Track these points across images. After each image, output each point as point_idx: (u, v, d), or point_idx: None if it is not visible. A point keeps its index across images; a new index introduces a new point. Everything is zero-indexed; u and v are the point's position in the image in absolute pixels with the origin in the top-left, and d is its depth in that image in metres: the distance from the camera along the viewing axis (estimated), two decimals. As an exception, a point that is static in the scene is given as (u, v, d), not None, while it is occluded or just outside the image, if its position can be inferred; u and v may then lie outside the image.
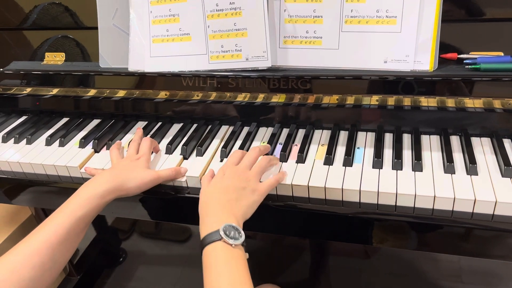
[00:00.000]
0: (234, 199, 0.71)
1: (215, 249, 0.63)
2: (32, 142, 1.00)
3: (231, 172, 0.75)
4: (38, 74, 1.04)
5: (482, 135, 0.85)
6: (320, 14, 0.83)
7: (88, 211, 0.72)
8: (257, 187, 0.74)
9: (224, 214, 0.68)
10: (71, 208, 0.71)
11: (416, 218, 0.73)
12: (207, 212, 0.70)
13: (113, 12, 0.94)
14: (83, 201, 0.72)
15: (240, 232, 0.66)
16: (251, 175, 0.75)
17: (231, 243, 0.63)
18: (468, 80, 0.79)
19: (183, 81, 0.94)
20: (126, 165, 0.81)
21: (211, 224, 0.66)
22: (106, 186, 0.75)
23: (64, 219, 0.69)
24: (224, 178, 0.75)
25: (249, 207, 0.72)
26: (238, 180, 0.73)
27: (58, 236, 0.68)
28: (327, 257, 1.52)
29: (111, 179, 0.76)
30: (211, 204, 0.71)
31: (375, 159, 0.80)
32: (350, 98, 0.88)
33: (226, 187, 0.73)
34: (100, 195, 0.73)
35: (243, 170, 0.76)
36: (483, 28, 0.82)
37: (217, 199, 0.71)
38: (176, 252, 1.67)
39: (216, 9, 0.86)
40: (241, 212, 0.70)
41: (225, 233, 0.64)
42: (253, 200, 0.73)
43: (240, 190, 0.72)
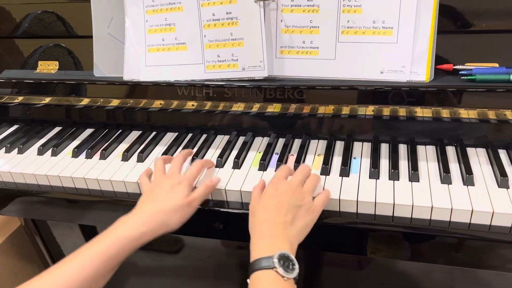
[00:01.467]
0: (289, 221, 0.67)
1: (265, 278, 0.59)
2: (24, 152, 0.99)
3: (285, 188, 0.70)
4: (30, 83, 1.03)
5: (478, 146, 0.86)
6: (316, 25, 0.84)
7: (121, 251, 0.67)
8: (311, 205, 0.70)
9: (279, 239, 0.64)
10: (104, 245, 0.66)
11: (413, 228, 0.73)
12: (261, 232, 0.66)
13: (108, 21, 0.94)
14: (117, 240, 0.67)
15: (295, 264, 0.61)
16: (305, 193, 0.71)
17: (284, 275, 0.59)
18: (464, 91, 0.80)
19: (179, 91, 0.93)
20: (163, 195, 0.73)
21: (264, 246, 0.63)
22: (145, 228, 0.69)
23: (94, 256, 0.65)
24: (278, 193, 0.70)
25: (305, 228, 0.69)
26: (293, 198, 0.69)
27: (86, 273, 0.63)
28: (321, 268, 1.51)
29: (149, 220, 0.70)
30: (265, 223, 0.66)
31: (372, 169, 0.80)
32: (346, 108, 0.88)
33: (281, 204, 0.68)
34: (135, 237, 0.68)
35: (297, 186, 0.71)
36: (479, 40, 0.83)
37: (272, 219, 0.66)
38: (168, 264, 1.64)
39: (212, 18, 0.86)
40: (297, 236, 0.67)
41: (279, 262, 0.60)
42: (309, 220, 0.69)
43: (296, 209, 0.68)
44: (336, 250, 0.86)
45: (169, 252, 1.67)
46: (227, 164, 0.88)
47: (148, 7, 0.89)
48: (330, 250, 0.87)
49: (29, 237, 1.38)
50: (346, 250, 0.85)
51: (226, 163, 0.88)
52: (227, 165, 0.88)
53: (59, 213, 0.95)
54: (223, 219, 0.82)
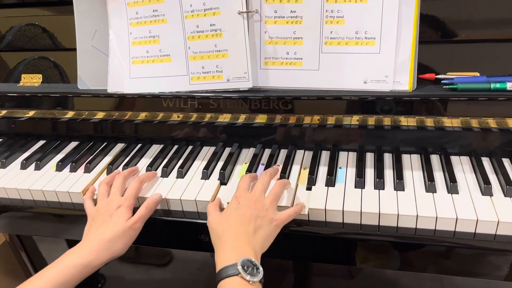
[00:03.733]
0: (252, 231, 0.68)
1: (231, 285, 0.61)
2: (7, 166, 0.97)
3: (246, 200, 0.72)
4: (13, 96, 1.01)
5: (461, 154, 0.87)
6: (300, 36, 0.84)
7: (69, 279, 0.69)
8: (275, 216, 0.71)
9: (242, 247, 0.66)
10: (52, 273, 0.68)
11: (399, 238, 0.73)
12: (224, 243, 0.67)
13: (92, 33, 0.94)
14: (65, 269, 0.69)
15: (259, 268, 0.63)
16: (267, 203, 0.72)
17: (249, 279, 0.61)
18: (446, 100, 0.81)
19: (164, 102, 0.93)
20: (105, 223, 0.75)
21: (228, 256, 0.64)
22: (90, 257, 0.71)
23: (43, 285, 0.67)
24: (240, 206, 0.72)
25: (266, 239, 0.70)
26: (254, 209, 0.70)
27: None
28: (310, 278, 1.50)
29: (93, 248, 0.72)
30: (227, 234, 0.68)
31: (357, 179, 0.80)
32: (331, 118, 0.88)
33: (242, 216, 0.69)
34: (84, 265, 0.70)
35: (259, 197, 0.73)
36: (460, 49, 0.84)
37: (234, 230, 0.68)
38: (157, 277, 1.62)
39: (196, 30, 0.86)
40: (260, 245, 0.68)
41: (243, 268, 0.62)
42: (271, 230, 0.70)
43: (258, 220, 0.69)
44: (324, 261, 0.86)
45: (158, 265, 1.66)
46: (212, 176, 0.88)
47: (132, 20, 0.89)
48: (318, 261, 0.86)
49: (14, 253, 1.35)
50: (334, 261, 0.85)
51: (212, 175, 0.88)
52: (213, 177, 0.87)
53: (44, 228, 0.93)
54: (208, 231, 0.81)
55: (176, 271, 1.62)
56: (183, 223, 0.81)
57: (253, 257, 0.64)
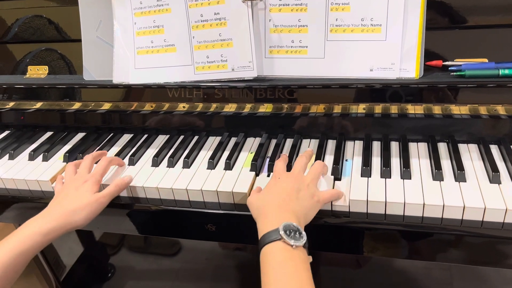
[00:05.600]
0: (294, 198, 0.67)
1: (274, 250, 0.59)
2: (15, 157, 0.98)
3: (286, 176, 0.72)
4: (20, 88, 1.02)
5: (469, 142, 0.85)
6: (305, 24, 0.83)
7: (29, 248, 0.69)
8: (316, 192, 0.71)
9: (284, 212, 0.65)
10: (11, 244, 0.69)
11: (406, 226, 0.73)
12: (266, 212, 0.66)
13: (96, 24, 0.93)
14: (25, 237, 0.70)
15: (302, 233, 0.61)
16: (308, 179, 0.72)
17: (292, 243, 0.59)
18: (454, 87, 0.80)
19: (169, 93, 0.93)
20: (69, 194, 0.77)
21: (270, 222, 0.63)
22: (50, 225, 0.72)
23: (3, 255, 0.67)
24: (280, 181, 0.71)
25: (310, 209, 0.68)
26: (295, 183, 0.70)
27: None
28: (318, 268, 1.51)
29: (55, 218, 0.73)
30: (269, 205, 0.67)
31: (363, 168, 0.79)
32: (337, 107, 0.88)
33: (284, 188, 0.69)
34: (43, 233, 0.71)
35: (298, 174, 0.73)
36: (467, 35, 0.82)
37: (276, 200, 0.67)
38: (166, 267, 1.64)
39: (200, 19, 0.86)
40: (302, 212, 0.67)
41: (285, 232, 0.60)
42: (314, 203, 0.69)
43: (300, 192, 0.69)
44: (332, 250, 0.86)
45: (167, 255, 1.67)
46: (218, 165, 0.88)
47: (136, 10, 0.89)
48: (326, 250, 0.86)
49: (25, 243, 1.37)
50: (341, 250, 0.85)
51: (217, 164, 0.88)
52: (219, 166, 0.87)
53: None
54: (215, 220, 0.81)
55: (184, 260, 1.63)
56: (190, 213, 0.82)
57: (295, 222, 0.62)
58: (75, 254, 1.62)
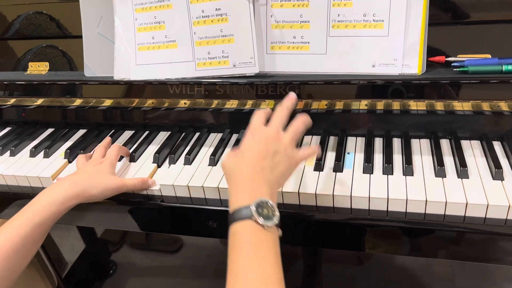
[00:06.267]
0: (269, 167, 0.62)
1: (244, 229, 0.55)
2: (16, 154, 0.98)
3: (262, 135, 0.66)
4: (21, 85, 1.02)
5: (472, 138, 0.85)
6: (307, 19, 0.83)
7: (47, 218, 0.69)
8: (293, 153, 0.65)
9: (258, 184, 0.60)
10: (27, 214, 0.68)
11: (408, 223, 0.72)
12: (238, 183, 0.61)
13: (97, 20, 0.93)
14: (41, 208, 0.69)
15: (275, 210, 0.57)
16: (286, 139, 0.66)
17: (263, 223, 0.55)
18: (456, 83, 0.79)
19: (170, 89, 0.93)
20: (88, 170, 0.78)
21: (242, 195, 0.58)
22: (66, 192, 0.72)
23: (20, 226, 0.67)
24: (256, 142, 0.65)
25: (282, 176, 0.64)
26: (272, 144, 0.64)
27: (13, 244, 0.65)
28: (319, 264, 1.51)
29: (72, 185, 0.73)
30: (243, 173, 0.62)
31: (365, 164, 0.79)
32: (339, 103, 0.87)
33: (259, 152, 0.63)
34: (60, 201, 0.70)
35: (276, 131, 0.66)
36: (470, 31, 0.82)
37: (251, 167, 0.62)
38: (167, 263, 1.64)
39: (202, 15, 0.85)
40: (276, 182, 0.63)
41: (257, 210, 0.56)
42: (288, 166, 0.64)
43: (277, 156, 0.63)
44: (334, 247, 0.85)
45: (168, 251, 1.67)
46: (220, 162, 0.87)
47: (137, 5, 0.88)
48: (328, 247, 0.86)
49: (26, 240, 1.37)
50: (343, 246, 0.85)
51: (219, 161, 0.88)
52: (220, 163, 0.87)
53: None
54: (217, 217, 0.81)
55: (186, 257, 1.63)
56: (191, 210, 0.81)
57: (269, 197, 0.58)
58: (77, 251, 1.62)
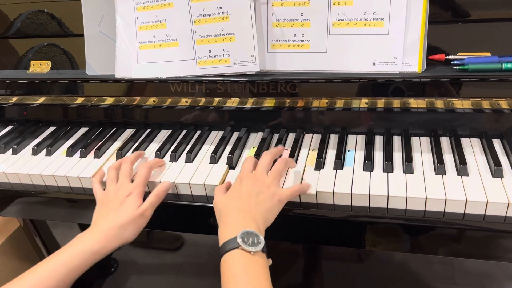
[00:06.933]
0: (253, 204, 0.68)
1: (233, 257, 0.61)
2: (18, 152, 0.98)
3: (248, 179, 0.73)
4: (23, 83, 1.02)
5: (472, 136, 0.85)
6: (307, 18, 0.83)
7: (81, 264, 0.70)
8: (277, 191, 0.71)
9: (242, 219, 0.66)
10: (63, 258, 0.69)
11: (408, 220, 0.73)
12: (225, 218, 0.68)
13: (99, 18, 0.93)
14: (77, 253, 0.70)
15: (260, 238, 0.63)
16: (269, 180, 0.73)
17: (249, 250, 0.61)
18: (456, 81, 0.80)
19: (171, 87, 0.93)
20: (115, 210, 0.75)
21: (228, 231, 0.64)
22: (100, 244, 0.71)
23: (55, 268, 0.67)
24: (242, 185, 0.72)
25: (269, 212, 0.69)
26: (256, 186, 0.71)
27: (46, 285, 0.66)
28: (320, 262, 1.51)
29: (104, 234, 0.72)
30: (229, 210, 0.69)
31: (366, 162, 0.80)
32: (340, 101, 0.88)
33: (244, 192, 0.70)
34: (94, 251, 0.71)
35: (261, 175, 0.73)
36: (470, 29, 0.82)
37: (236, 205, 0.69)
38: (169, 261, 1.64)
39: (203, 14, 0.86)
40: (262, 217, 0.68)
41: (243, 240, 0.62)
42: (273, 204, 0.70)
43: (260, 195, 0.70)
44: (334, 244, 0.86)
45: (170, 249, 1.67)
46: (221, 160, 0.88)
47: (138, 4, 0.89)
48: (328, 244, 0.87)
49: (29, 238, 1.38)
50: (344, 244, 0.85)
51: (220, 159, 0.88)
52: (221, 161, 0.87)
53: (57, 213, 0.95)
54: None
55: (187, 255, 1.64)
56: (192, 207, 0.82)
57: (255, 229, 0.64)
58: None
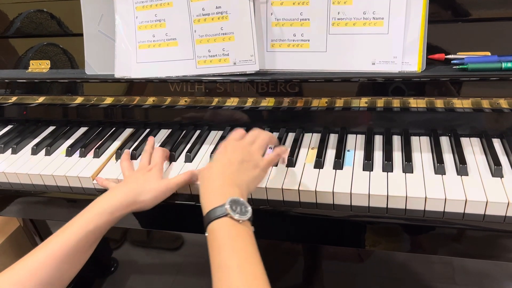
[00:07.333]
0: (236, 171, 0.68)
1: (221, 226, 0.60)
2: (18, 152, 0.98)
3: (232, 147, 0.73)
4: (23, 83, 1.02)
5: (472, 135, 0.85)
6: (307, 17, 0.83)
7: (98, 226, 0.70)
8: (260, 162, 0.72)
9: (228, 186, 0.65)
10: (81, 222, 0.69)
11: (408, 220, 0.73)
12: (210, 186, 0.67)
13: (98, 18, 0.93)
14: (94, 215, 0.70)
15: (247, 207, 0.63)
16: (253, 150, 0.73)
17: (238, 218, 0.60)
18: (456, 80, 0.79)
19: (171, 87, 0.93)
20: (139, 178, 0.79)
21: (215, 198, 0.63)
22: (119, 201, 0.73)
23: (72, 233, 0.68)
24: (226, 152, 0.72)
25: (252, 181, 0.70)
26: (240, 154, 0.71)
27: (65, 251, 0.66)
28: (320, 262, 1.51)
29: (124, 194, 0.74)
30: (213, 177, 0.68)
31: (365, 162, 0.79)
32: (339, 100, 0.88)
33: (228, 161, 0.70)
34: (111, 210, 0.72)
35: (246, 145, 0.74)
36: (470, 28, 0.82)
37: (220, 172, 0.68)
38: (168, 261, 1.64)
39: (202, 13, 0.86)
40: (245, 185, 0.68)
41: (231, 207, 0.61)
42: (256, 174, 0.70)
43: (244, 163, 0.70)
44: (334, 244, 0.86)
45: (170, 249, 1.68)
46: (220, 159, 0.88)
47: (137, 4, 0.89)
48: (327, 244, 0.86)
49: (28, 238, 1.38)
50: (343, 243, 0.85)
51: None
52: (221, 160, 0.87)
53: (56, 213, 0.94)
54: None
55: (187, 254, 1.64)
56: (192, 207, 0.82)
57: (240, 196, 0.64)
58: (78, 248, 1.63)
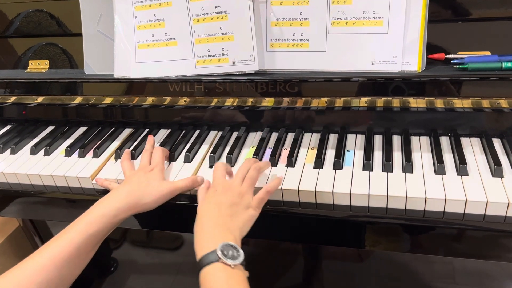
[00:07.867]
0: (229, 215, 0.68)
1: (214, 271, 0.60)
2: (17, 152, 0.98)
3: (223, 188, 0.73)
4: (22, 83, 1.02)
5: (472, 135, 0.85)
6: (306, 17, 0.83)
7: (100, 229, 0.70)
8: (251, 202, 0.71)
9: (220, 231, 0.65)
10: (82, 225, 0.69)
11: (408, 220, 0.73)
12: (203, 230, 0.67)
13: (97, 18, 0.93)
14: (95, 218, 0.70)
15: (239, 251, 0.63)
16: (243, 190, 0.72)
17: (230, 263, 0.60)
18: (456, 80, 0.79)
19: (170, 87, 0.93)
20: (140, 179, 0.78)
21: (207, 243, 0.63)
22: (121, 204, 0.73)
23: (73, 237, 0.68)
24: (217, 193, 0.72)
25: (244, 224, 0.70)
26: (231, 196, 0.71)
27: (66, 255, 0.66)
28: (320, 262, 1.51)
29: (127, 196, 0.74)
30: (205, 221, 0.68)
31: (365, 162, 0.79)
32: (339, 100, 0.87)
33: (219, 204, 0.70)
34: (113, 213, 0.71)
35: (236, 185, 0.73)
36: (470, 28, 0.82)
37: (212, 216, 0.68)
38: (168, 260, 1.64)
39: (201, 13, 0.85)
40: (238, 229, 0.68)
41: (223, 253, 0.61)
42: (248, 215, 0.70)
43: (234, 206, 0.70)
44: (334, 244, 0.86)
45: (169, 249, 1.67)
46: (220, 160, 0.88)
47: (136, 3, 0.88)
48: (327, 244, 0.86)
49: (28, 238, 1.38)
50: (343, 244, 0.85)
51: (219, 159, 0.88)
52: (220, 161, 0.87)
53: (56, 213, 0.94)
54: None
55: (187, 254, 1.63)
56: (191, 207, 0.82)
57: (232, 241, 0.64)
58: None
